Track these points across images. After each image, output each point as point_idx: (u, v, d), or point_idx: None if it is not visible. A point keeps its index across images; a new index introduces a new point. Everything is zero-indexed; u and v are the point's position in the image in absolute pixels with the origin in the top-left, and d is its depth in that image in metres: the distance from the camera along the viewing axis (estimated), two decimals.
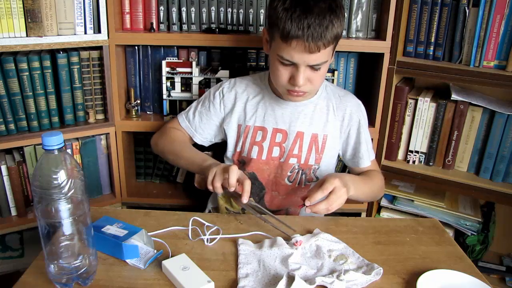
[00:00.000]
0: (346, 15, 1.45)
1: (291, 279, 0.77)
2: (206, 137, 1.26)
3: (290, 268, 0.83)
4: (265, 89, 1.20)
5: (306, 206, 0.93)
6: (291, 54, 1.00)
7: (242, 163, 1.21)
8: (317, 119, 1.17)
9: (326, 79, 1.33)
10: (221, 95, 1.22)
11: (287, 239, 0.92)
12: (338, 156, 1.25)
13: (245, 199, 0.95)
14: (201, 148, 1.25)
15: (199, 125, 1.24)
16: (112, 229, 0.89)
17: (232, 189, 0.95)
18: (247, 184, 0.96)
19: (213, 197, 1.33)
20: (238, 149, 1.21)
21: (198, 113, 1.24)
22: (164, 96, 1.51)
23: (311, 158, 1.18)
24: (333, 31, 0.98)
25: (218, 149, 1.36)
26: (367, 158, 1.21)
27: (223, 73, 1.47)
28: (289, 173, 1.19)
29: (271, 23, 1.04)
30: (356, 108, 1.21)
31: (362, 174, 1.21)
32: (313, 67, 1.02)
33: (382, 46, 1.41)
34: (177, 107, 1.53)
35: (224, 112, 1.22)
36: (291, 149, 1.17)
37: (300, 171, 1.19)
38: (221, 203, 1.25)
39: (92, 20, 1.35)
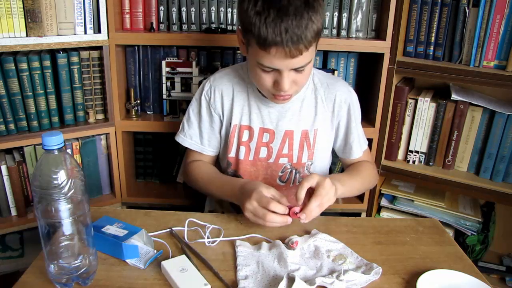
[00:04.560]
0: (346, 15, 1.46)
1: (291, 280, 0.77)
2: (216, 145, 1.18)
3: (290, 269, 0.83)
4: (249, 86, 1.11)
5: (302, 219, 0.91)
6: (271, 61, 0.92)
7: (229, 164, 1.16)
8: (305, 114, 1.11)
9: None
10: (207, 98, 1.13)
11: (284, 239, 0.92)
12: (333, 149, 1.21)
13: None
14: None
15: (206, 139, 1.16)
16: (112, 229, 0.89)
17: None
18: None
19: (209, 200, 1.31)
20: (227, 149, 1.14)
21: (198, 130, 1.16)
22: (164, 96, 1.52)
23: (304, 155, 1.13)
24: (313, 28, 0.90)
25: None
26: (358, 150, 1.17)
27: None
28: (280, 173, 1.14)
29: (244, 28, 0.95)
30: (346, 96, 1.13)
31: (350, 167, 1.17)
32: (297, 69, 0.96)
33: (382, 46, 1.41)
34: (177, 107, 1.53)
35: (216, 112, 1.14)
36: (279, 149, 1.12)
37: (294, 171, 1.14)
38: (217, 208, 1.24)
39: (92, 20, 1.35)
